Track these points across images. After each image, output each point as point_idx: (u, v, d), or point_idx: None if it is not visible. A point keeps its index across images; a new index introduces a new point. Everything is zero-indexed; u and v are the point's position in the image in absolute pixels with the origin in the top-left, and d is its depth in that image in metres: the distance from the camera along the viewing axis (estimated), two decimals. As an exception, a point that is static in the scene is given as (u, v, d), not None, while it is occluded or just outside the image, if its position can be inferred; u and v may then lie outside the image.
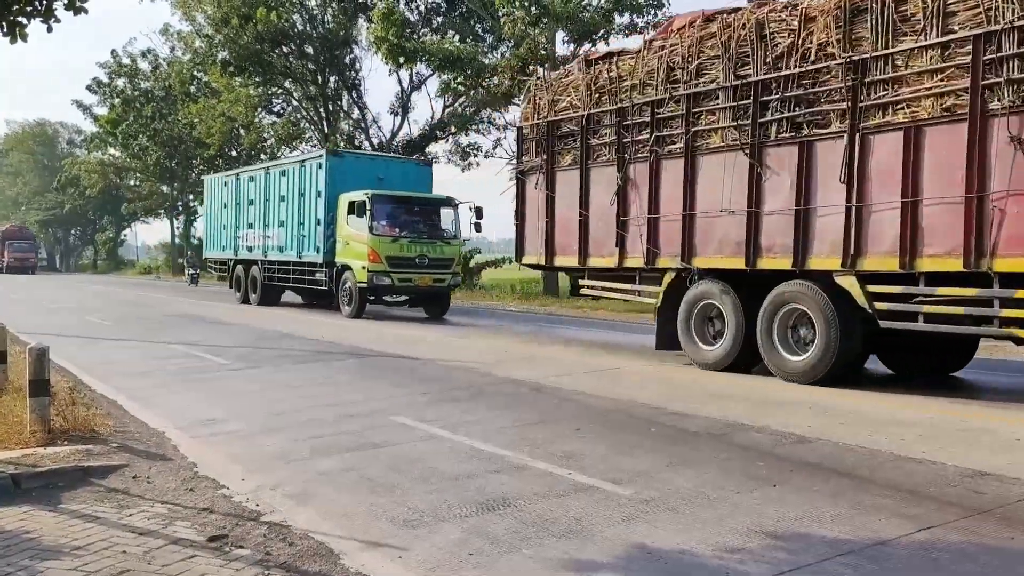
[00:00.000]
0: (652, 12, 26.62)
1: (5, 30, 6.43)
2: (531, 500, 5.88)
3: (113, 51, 53.25)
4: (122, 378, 11.64)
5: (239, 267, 27.09)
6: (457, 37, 33.06)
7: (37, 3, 6.13)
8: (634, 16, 26.65)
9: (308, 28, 36.41)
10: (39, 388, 7.67)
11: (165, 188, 58.67)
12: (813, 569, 4.60)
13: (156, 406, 9.56)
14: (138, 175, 58.55)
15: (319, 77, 37.21)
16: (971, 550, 4.90)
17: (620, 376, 11.47)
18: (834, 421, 8.34)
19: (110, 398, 10.06)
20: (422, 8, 35.39)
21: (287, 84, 38.66)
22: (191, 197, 57.14)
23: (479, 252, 37.53)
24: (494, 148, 34.42)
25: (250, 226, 26.23)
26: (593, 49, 26.91)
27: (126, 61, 53.07)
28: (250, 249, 26.23)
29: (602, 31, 26.20)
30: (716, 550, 4.90)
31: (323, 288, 23.12)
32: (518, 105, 29.59)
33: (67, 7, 6.15)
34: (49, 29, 6.45)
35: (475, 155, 35.22)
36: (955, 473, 6.46)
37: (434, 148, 37.00)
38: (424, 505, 5.81)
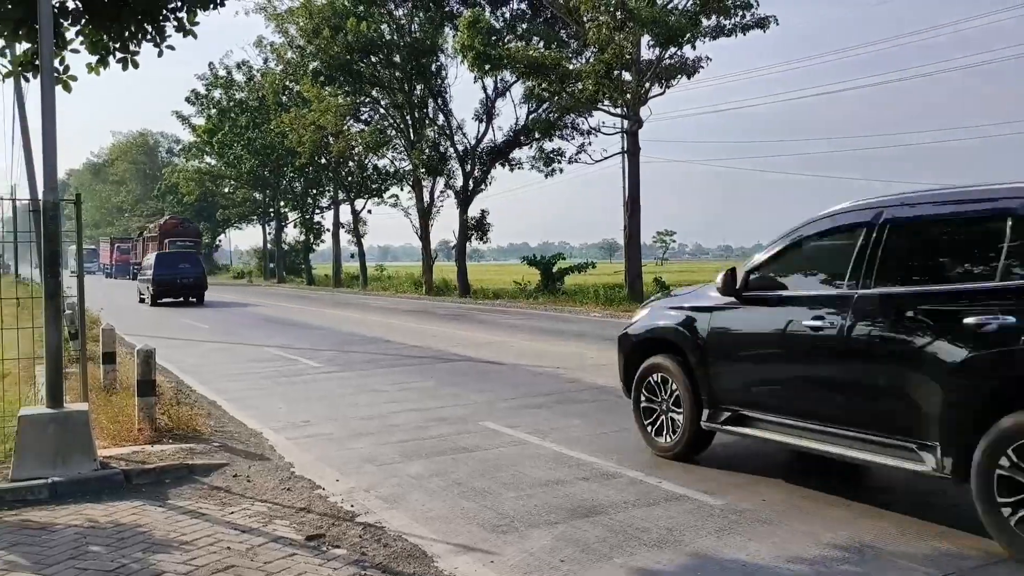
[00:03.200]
0: (740, 14, 26.12)
1: (117, 57, 6.81)
2: (621, 508, 5.86)
3: (210, 63, 55.36)
4: (220, 379, 12.08)
5: None
6: (542, 43, 33.15)
7: (150, 28, 6.46)
8: (721, 19, 26.18)
9: (396, 37, 36.99)
10: (146, 388, 8.06)
11: (258, 195, 60.63)
12: (916, 588, 4.46)
13: (253, 407, 9.90)
14: (232, 183, 60.62)
15: (406, 85, 37.78)
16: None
17: (708, 384, 11.29)
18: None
19: (210, 399, 10.46)
20: (507, 15, 35.61)
21: (375, 92, 39.39)
22: (282, 204, 58.86)
23: (563, 257, 37.49)
24: (578, 153, 34.33)
25: None
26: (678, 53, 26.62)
27: (222, 73, 55.06)
28: None
29: (688, 35, 25.82)
30: (813, 564, 4.79)
31: None
32: (603, 110, 29.56)
33: (177, 29, 6.47)
34: (160, 54, 6.80)
35: (559, 161, 35.23)
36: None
37: (517, 154, 37.17)
38: (514, 511, 5.85)
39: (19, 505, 5.92)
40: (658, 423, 7.30)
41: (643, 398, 7.48)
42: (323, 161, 46.70)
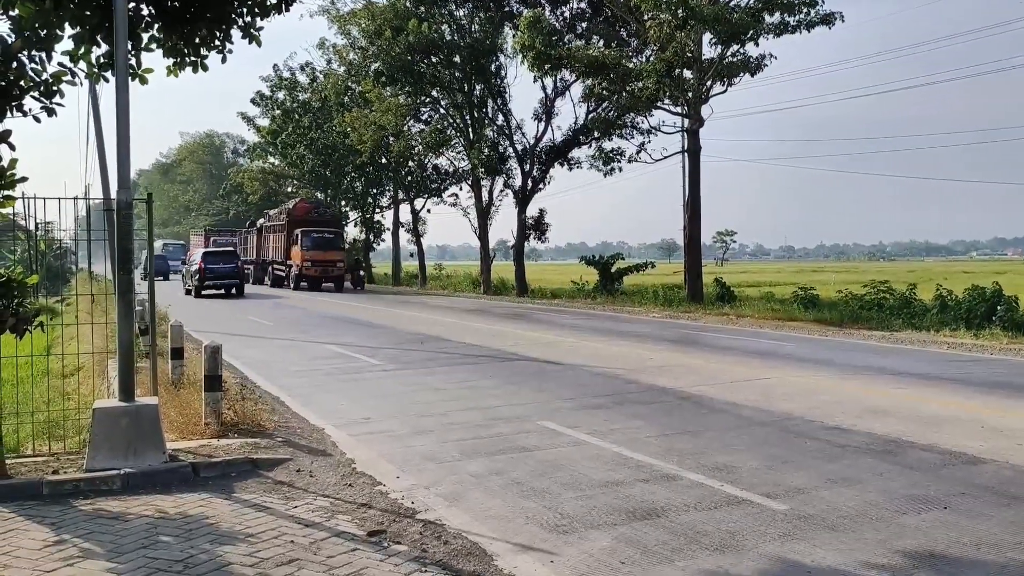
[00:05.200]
0: (804, 10, 25.58)
1: (190, 60, 7.01)
2: (682, 511, 5.79)
3: (275, 66, 56.32)
4: (284, 376, 12.29)
5: None
6: (601, 42, 32.98)
7: (218, 33, 6.63)
8: (785, 15, 25.68)
9: (456, 38, 37.23)
10: (213, 383, 8.24)
11: (319, 195, 61.51)
12: (992, 601, 4.31)
13: (315, 404, 10.05)
14: (295, 182, 61.62)
15: (466, 85, 37.98)
16: None
17: (770, 387, 11.11)
18: (1010, 442, 7.76)
19: (273, 395, 10.65)
20: (567, 15, 35.54)
21: (435, 93, 39.68)
22: (343, 203, 59.64)
23: (621, 257, 37.25)
24: (638, 153, 34.07)
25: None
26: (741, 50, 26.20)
27: (286, 75, 56.03)
28: None
29: (751, 32, 25.39)
30: (882, 573, 4.67)
31: None
32: (663, 109, 29.28)
33: (243, 36, 6.62)
34: (224, 60, 6.99)
35: (618, 160, 35.00)
36: None
37: (576, 153, 37.06)
38: (573, 511, 5.83)
39: (93, 495, 6.12)
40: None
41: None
42: (383, 161, 47.21)
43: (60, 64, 6.58)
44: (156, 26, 7.14)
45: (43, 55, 6.42)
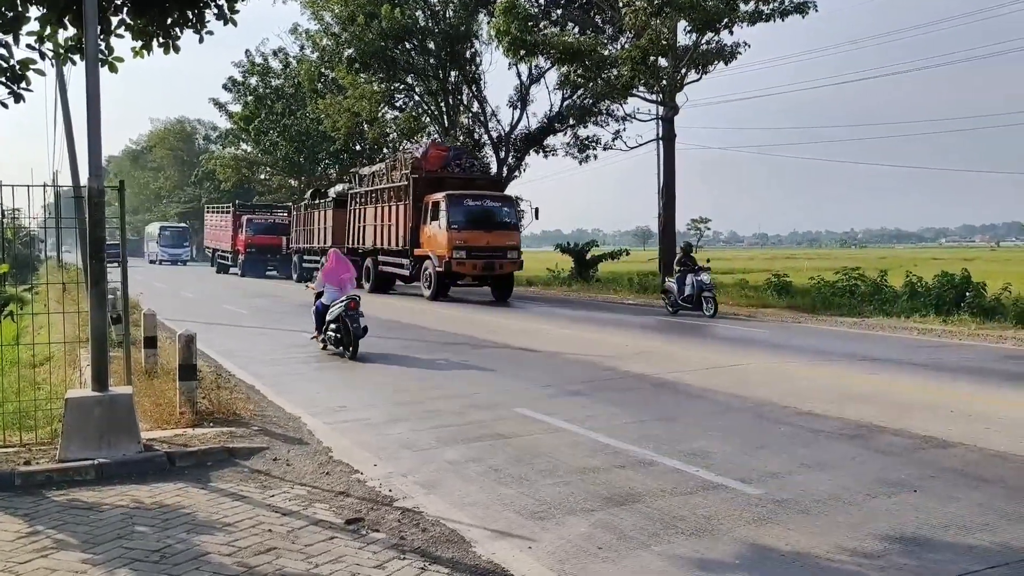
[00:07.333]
0: (779, -1, 25.72)
1: (159, 42, 6.91)
2: (658, 496, 5.85)
3: (247, 51, 55.59)
4: (259, 364, 12.22)
5: None
6: (577, 29, 32.94)
7: (191, 15, 6.53)
8: (759, 3, 25.81)
9: (430, 24, 37.00)
10: (188, 372, 8.18)
11: (293, 182, 60.95)
12: (961, 581, 4.40)
13: (291, 392, 10.00)
14: (268, 169, 61.05)
15: (440, 72, 37.78)
16: None
17: (745, 373, 11.22)
18: (979, 426, 7.91)
19: (248, 383, 10.58)
20: (542, 1, 35.44)
21: (409, 79, 39.43)
22: (317, 190, 59.12)
23: (596, 244, 37.33)
24: (613, 140, 34.11)
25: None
26: None
27: (259, 60, 55.37)
28: None
29: (726, 20, 25.48)
30: (854, 556, 4.75)
31: None
32: (638, 96, 29.34)
33: (218, 17, 6.53)
34: (201, 40, 6.88)
35: (593, 148, 35.04)
36: (1118, 486, 6.02)
37: (552, 140, 37.03)
38: (551, 497, 5.86)
39: (67, 485, 6.05)
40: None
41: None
42: (358, 147, 46.92)
43: (29, 46, 6.46)
44: (126, 9, 7.03)
45: (10, 39, 6.31)
